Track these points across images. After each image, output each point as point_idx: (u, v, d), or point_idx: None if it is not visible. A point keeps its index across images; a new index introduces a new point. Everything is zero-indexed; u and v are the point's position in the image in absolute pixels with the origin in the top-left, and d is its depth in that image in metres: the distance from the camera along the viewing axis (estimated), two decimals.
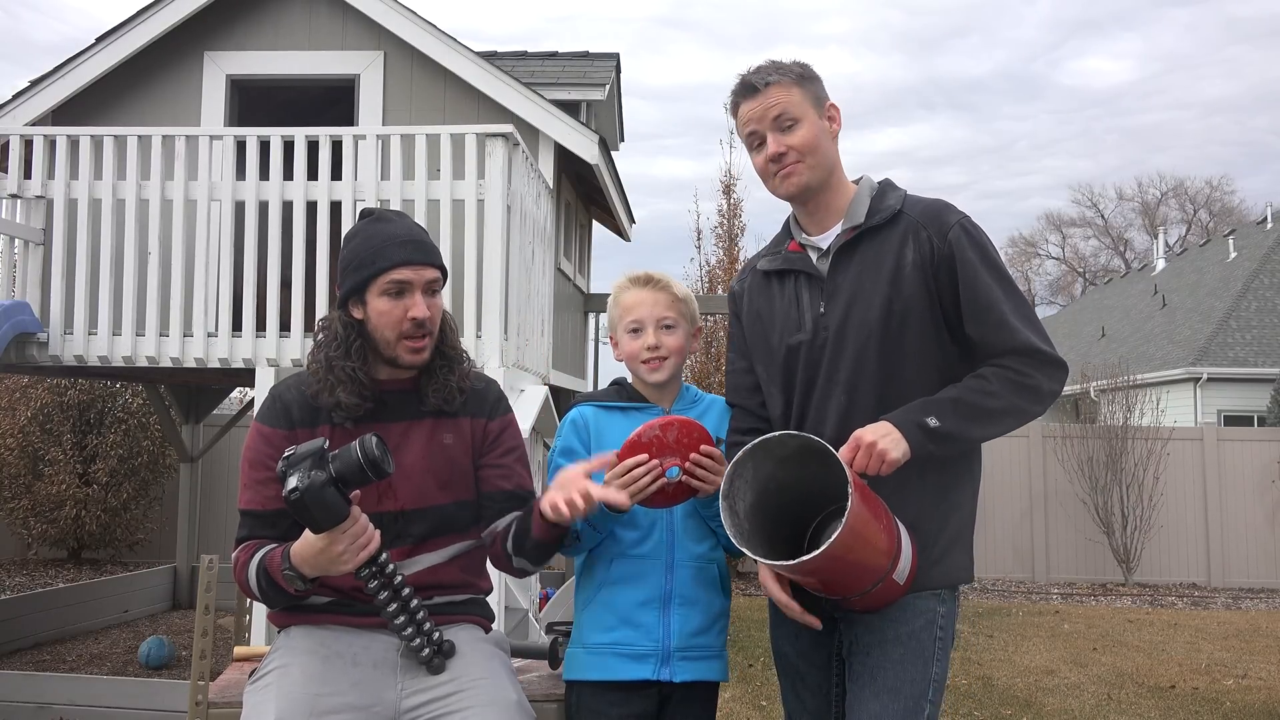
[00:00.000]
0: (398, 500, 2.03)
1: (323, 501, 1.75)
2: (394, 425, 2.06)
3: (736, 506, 1.89)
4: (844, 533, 1.72)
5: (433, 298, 2.06)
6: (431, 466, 2.06)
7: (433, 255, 2.08)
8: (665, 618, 2.11)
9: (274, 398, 2.06)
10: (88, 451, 10.06)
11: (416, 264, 2.03)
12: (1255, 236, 22.97)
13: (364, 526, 1.83)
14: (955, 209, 2.04)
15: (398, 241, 2.04)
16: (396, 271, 2.01)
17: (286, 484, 1.75)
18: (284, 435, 2.00)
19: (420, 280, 2.03)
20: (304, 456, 1.76)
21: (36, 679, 5.28)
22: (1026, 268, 47.21)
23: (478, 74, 7.24)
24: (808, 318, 2.08)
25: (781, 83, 2.03)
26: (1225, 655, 7.41)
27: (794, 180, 2.05)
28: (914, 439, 1.87)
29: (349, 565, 1.83)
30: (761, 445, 1.86)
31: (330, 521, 1.78)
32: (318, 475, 1.74)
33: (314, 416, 2.02)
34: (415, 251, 2.04)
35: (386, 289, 2.01)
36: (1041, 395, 1.96)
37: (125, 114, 7.36)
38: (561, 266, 8.28)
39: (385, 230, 2.06)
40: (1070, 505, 11.09)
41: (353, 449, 1.77)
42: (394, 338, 2.02)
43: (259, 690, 1.94)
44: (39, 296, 5.85)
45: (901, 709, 1.94)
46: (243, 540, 2.01)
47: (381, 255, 2.02)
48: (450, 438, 2.09)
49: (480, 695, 1.92)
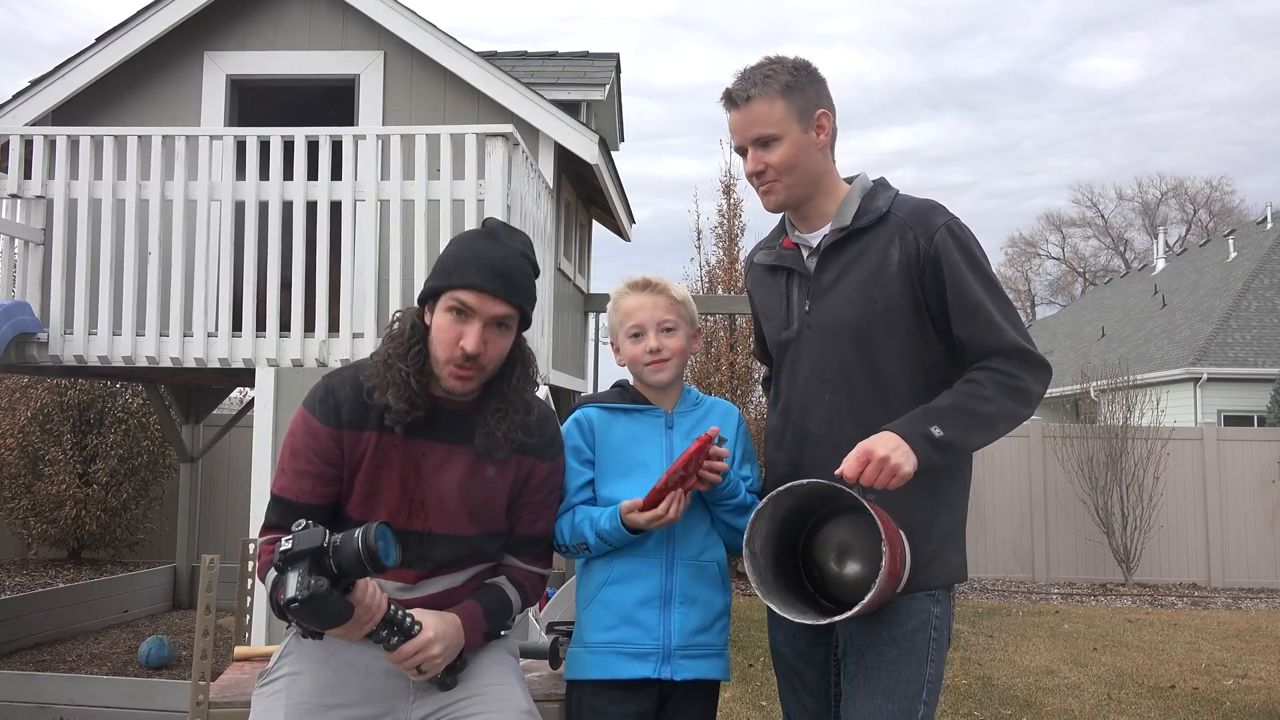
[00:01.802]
0: (427, 521, 2.00)
1: (323, 611, 1.69)
2: (439, 445, 2.00)
3: (755, 548, 1.92)
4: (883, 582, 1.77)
5: (499, 334, 1.96)
6: (467, 497, 2.02)
7: (513, 292, 1.95)
8: (666, 616, 2.11)
9: (328, 391, 1.99)
10: (88, 451, 10.06)
11: (487, 293, 1.92)
12: (1255, 236, 22.96)
13: (367, 608, 1.78)
14: (943, 210, 2.04)
15: (483, 264, 1.93)
16: (464, 293, 1.92)
17: (285, 588, 1.66)
18: (331, 434, 1.95)
19: (485, 311, 1.92)
20: (302, 554, 1.67)
21: (36, 679, 5.28)
22: (1026, 268, 47.25)
23: (478, 74, 7.24)
24: (795, 315, 2.11)
25: (764, 96, 2.01)
26: (1225, 655, 7.41)
27: (772, 198, 2.08)
28: (921, 450, 1.86)
29: (354, 639, 1.83)
30: (786, 490, 1.89)
31: (332, 625, 1.74)
32: (319, 584, 1.66)
33: (363, 419, 1.96)
34: (493, 280, 1.92)
35: (450, 306, 1.94)
36: (1030, 397, 1.98)
37: (125, 114, 7.36)
38: (561, 267, 8.28)
39: (481, 248, 1.96)
40: (1070, 505, 11.09)
41: (354, 540, 1.68)
42: (443, 358, 1.95)
43: (267, 695, 1.94)
44: (39, 296, 5.84)
45: (895, 709, 1.94)
46: (271, 527, 1.97)
47: (459, 271, 1.94)
48: (493, 470, 2.04)
49: (491, 702, 1.93)
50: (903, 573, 1.87)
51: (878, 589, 1.77)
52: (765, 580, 1.92)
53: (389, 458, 1.98)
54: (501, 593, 2.09)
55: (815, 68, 2.08)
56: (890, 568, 1.77)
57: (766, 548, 1.95)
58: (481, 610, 2.03)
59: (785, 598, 1.93)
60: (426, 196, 5.44)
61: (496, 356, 1.98)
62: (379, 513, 1.96)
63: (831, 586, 2.03)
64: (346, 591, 1.72)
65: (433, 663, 1.88)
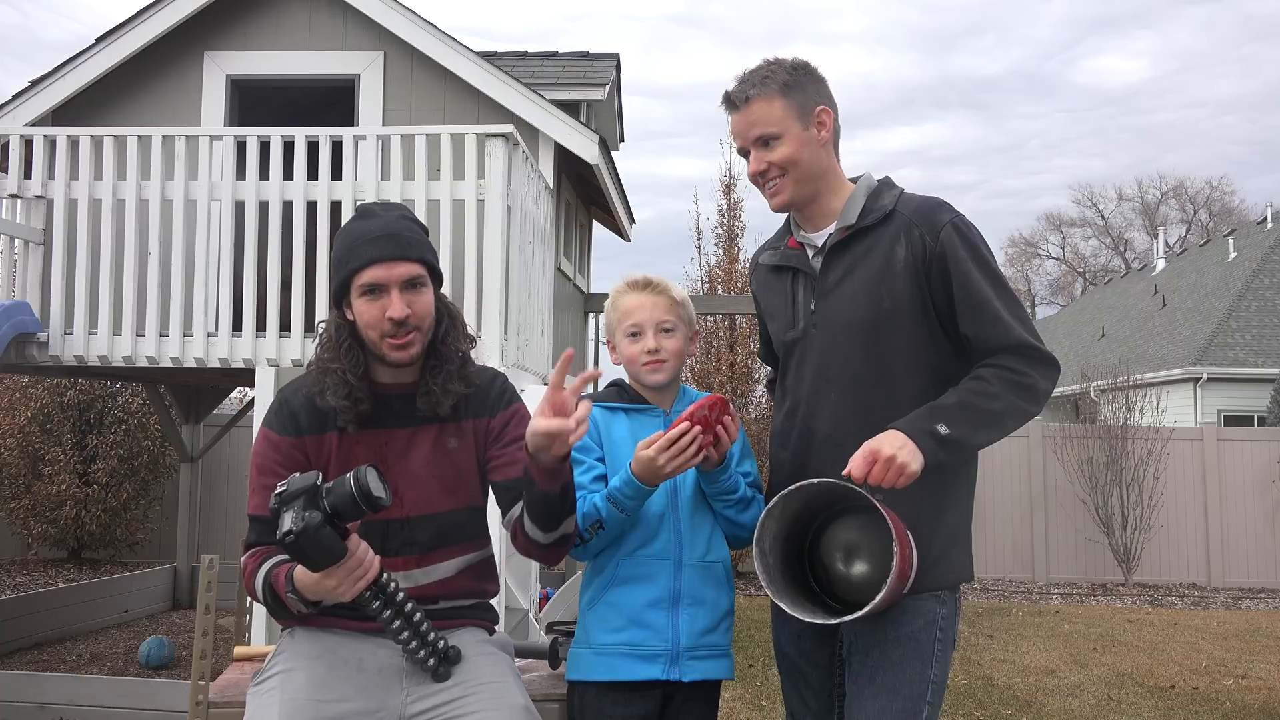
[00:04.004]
0: (403, 507, 2.01)
1: (318, 543, 1.70)
2: (399, 431, 2.02)
3: (765, 546, 1.92)
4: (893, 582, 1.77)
5: (415, 293, 1.98)
6: (437, 473, 2.03)
7: (409, 249, 1.97)
8: (674, 618, 2.10)
9: (281, 403, 2.02)
10: (88, 451, 10.06)
11: (388, 260, 1.94)
12: (1255, 236, 22.96)
13: (360, 560, 1.79)
14: (949, 207, 2.04)
15: (369, 239, 1.96)
16: (367, 272, 1.94)
17: (281, 524, 1.69)
18: (292, 443, 1.98)
19: (394, 277, 1.94)
20: (297, 494, 1.71)
21: (36, 679, 5.28)
22: (1026, 268, 47.24)
23: (478, 74, 7.24)
24: (800, 315, 2.10)
25: (763, 95, 2.01)
26: (1225, 655, 7.41)
27: (779, 198, 2.07)
28: (927, 448, 1.85)
29: (346, 597, 1.81)
30: (797, 490, 1.89)
31: (327, 562, 1.74)
32: (312, 516, 1.69)
33: (321, 423, 1.99)
34: (387, 247, 1.95)
35: (361, 290, 1.96)
36: (1038, 394, 1.96)
37: (125, 114, 7.36)
38: (561, 266, 8.28)
39: (361, 228, 1.99)
40: (1070, 505, 11.09)
41: (347, 481, 1.71)
42: (377, 338, 1.97)
43: (262, 693, 1.94)
44: (39, 296, 5.84)
45: (900, 709, 1.94)
46: (251, 545, 1.99)
47: (353, 255, 1.96)
48: (455, 442, 2.05)
49: (486, 699, 1.91)
50: (911, 573, 1.87)
51: (889, 589, 1.76)
52: (775, 580, 1.92)
53: (354, 453, 1.99)
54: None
55: (814, 67, 2.08)
56: (900, 568, 1.77)
57: (775, 547, 1.95)
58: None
59: (793, 598, 1.93)
60: (426, 196, 5.44)
61: (424, 314, 1.99)
62: None
63: (837, 587, 2.03)
64: (343, 535, 1.75)
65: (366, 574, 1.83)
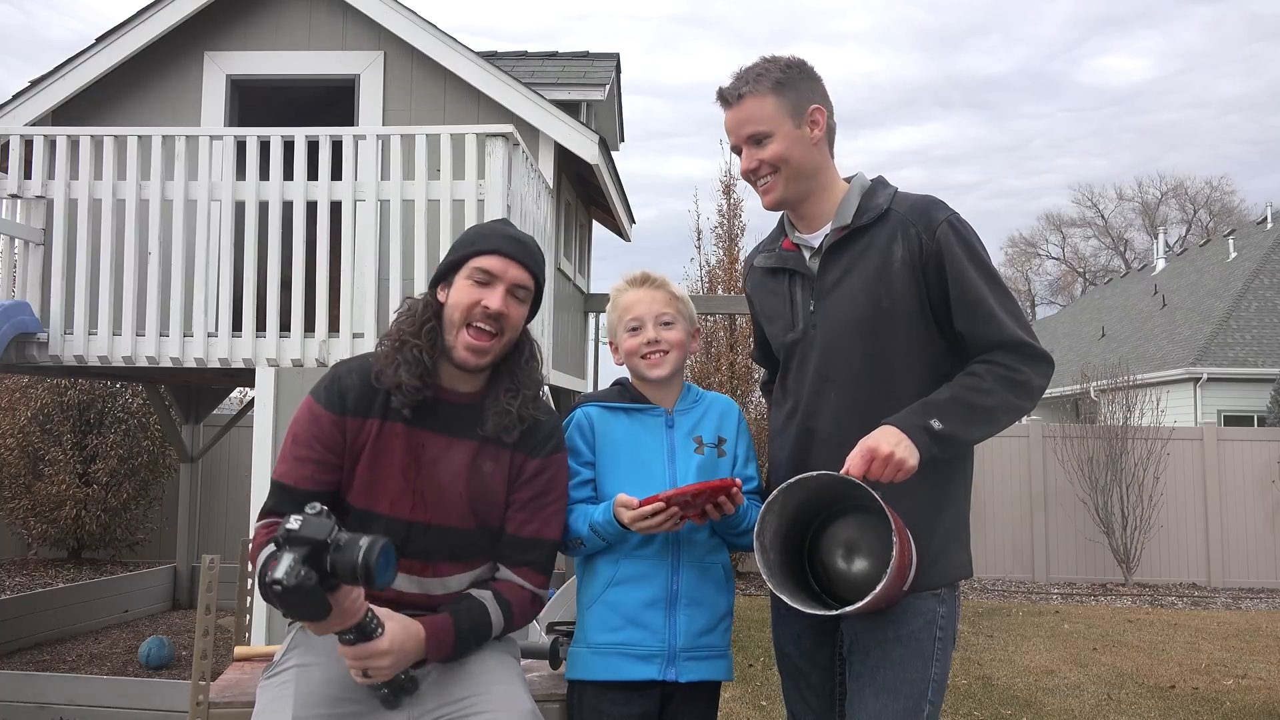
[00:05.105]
0: (427, 513, 2.00)
1: (301, 603, 1.65)
2: (439, 437, 2.01)
3: (765, 541, 1.92)
4: (893, 574, 1.77)
5: (517, 301, 2.01)
6: (467, 490, 2.02)
7: (532, 259, 2.03)
8: (671, 618, 2.11)
9: (334, 378, 2.01)
10: (88, 451, 10.06)
11: (510, 257, 1.99)
12: (1255, 236, 22.96)
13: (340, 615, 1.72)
14: (944, 205, 2.04)
15: (502, 235, 2.02)
16: (487, 258, 1.99)
17: (275, 566, 1.60)
18: (334, 420, 1.97)
19: (508, 276, 1.99)
20: (304, 541, 1.62)
21: (36, 679, 5.28)
22: (1026, 268, 47.25)
23: (478, 74, 7.23)
24: (800, 316, 2.10)
25: (756, 93, 2.02)
26: (1225, 655, 7.41)
27: (770, 195, 2.08)
28: (922, 444, 1.87)
29: (319, 633, 1.82)
30: (798, 483, 1.89)
31: (305, 619, 1.70)
32: (308, 577, 1.61)
33: (368, 406, 1.98)
34: (515, 248, 2.01)
35: (473, 274, 1.98)
36: (1031, 390, 1.97)
37: (125, 114, 7.36)
38: (561, 266, 8.28)
39: (496, 226, 2.07)
40: (1070, 505, 11.09)
41: (357, 550, 1.63)
42: (460, 321, 1.97)
43: (275, 685, 1.94)
44: (39, 296, 5.84)
45: (901, 709, 1.94)
46: (268, 512, 1.97)
47: (482, 239, 2.02)
48: (490, 466, 2.04)
49: (496, 701, 1.92)
50: (910, 567, 1.87)
51: (889, 580, 1.77)
52: (775, 574, 1.93)
53: (390, 445, 1.98)
54: (482, 611, 2.00)
55: (810, 66, 2.08)
56: (900, 560, 1.77)
57: (775, 542, 1.95)
58: (452, 628, 1.94)
59: (793, 593, 1.93)
60: (426, 196, 5.44)
61: (515, 323, 2.02)
62: (381, 503, 1.97)
63: (837, 586, 2.04)
64: (332, 590, 1.68)
65: (379, 671, 1.83)
